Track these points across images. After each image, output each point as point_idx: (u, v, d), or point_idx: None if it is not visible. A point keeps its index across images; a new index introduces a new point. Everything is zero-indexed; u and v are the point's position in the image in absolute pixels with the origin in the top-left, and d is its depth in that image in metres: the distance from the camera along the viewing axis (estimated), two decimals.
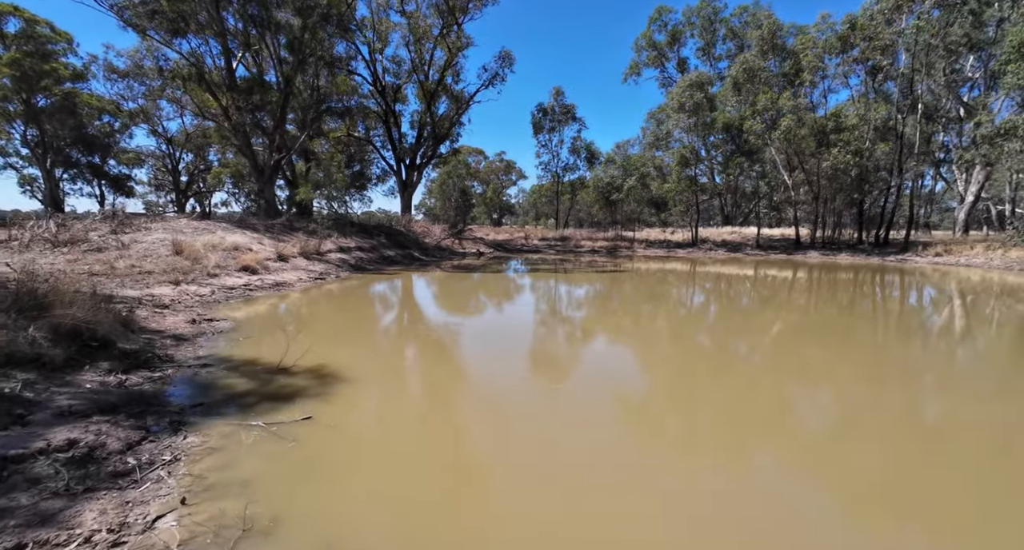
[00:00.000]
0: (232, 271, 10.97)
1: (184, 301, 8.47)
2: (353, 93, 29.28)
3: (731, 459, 3.40)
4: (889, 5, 20.52)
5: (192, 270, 10.44)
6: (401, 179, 29.81)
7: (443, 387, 4.94)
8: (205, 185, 50.56)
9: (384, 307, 10.20)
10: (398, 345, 6.70)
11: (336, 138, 31.50)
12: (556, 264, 20.73)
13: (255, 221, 16.51)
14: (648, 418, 4.23)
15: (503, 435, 3.71)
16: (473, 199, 59.04)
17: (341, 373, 4.87)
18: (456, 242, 25.73)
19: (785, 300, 11.39)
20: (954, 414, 4.32)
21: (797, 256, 24.71)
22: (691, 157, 26.41)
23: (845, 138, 21.96)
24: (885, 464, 3.31)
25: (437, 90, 27.73)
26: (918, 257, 22.00)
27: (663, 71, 43.29)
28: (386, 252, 18.82)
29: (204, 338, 6.15)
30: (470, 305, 10.41)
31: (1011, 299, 11.41)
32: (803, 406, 4.58)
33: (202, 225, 14.21)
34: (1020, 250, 19.17)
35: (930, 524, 2.68)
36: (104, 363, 4.63)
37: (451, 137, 29.02)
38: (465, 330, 7.82)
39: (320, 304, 9.79)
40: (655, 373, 5.68)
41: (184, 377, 4.65)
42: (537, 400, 4.51)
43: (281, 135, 22.75)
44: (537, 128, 35.40)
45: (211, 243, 12.26)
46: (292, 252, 13.51)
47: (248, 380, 4.61)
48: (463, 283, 14.27)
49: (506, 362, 5.78)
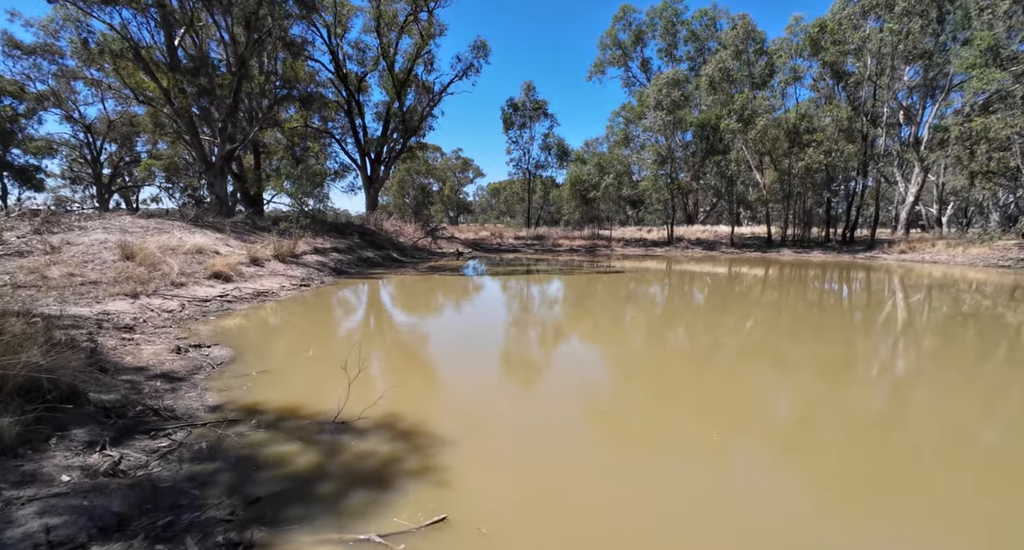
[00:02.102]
0: (202, 279, 9.10)
1: (150, 320, 6.70)
2: (311, 81, 26.85)
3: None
4: (858, 10, 21.26)
5: (150, 278, 8.50)
6: (366, 174, 27.70)
7: (584, 438, 3.76)
8: (132, 179, 45.48)
9: (408, 320, 8.68)
10: (471, 373, 5.32)
11: (291, 129, 28.83)
12: (547, 265, 19.77)
13: (214, 220, 14.28)
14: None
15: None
16: (432, 197, 57.10)
17: (427, 425, 3.59)
18: (432, 242, 24.16)
19: (787, 299, 11.07)
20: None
21: (771, 254, 25.22)
22: (668, 155, 26.34)
23: (818, 138, 22.58)
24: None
25: (408, 79, 25.92)
26: (885, 254, 22.99)
27: (627, 70, 43.52)
28: (364, 253, 17.07)
29: (203, 374, 4.60)
30: (508, 316, 9.20)
31: (979, 294, 11.75)
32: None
33: (152, 224, 11.96)
34: (980, 247, 20.38)
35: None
36: (78, 431, 3.09)
37: (422, 130, 27.27)
38: (530, 346, 6.63)
39: (323, 318, 8.22)
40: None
41: (207, 446, 3.20)
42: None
43: (234, 123, 20.27)
44: (507, 124, 34.28)
45: (168, 245, 10.21)
46: (266, 255, 11.64)
47: (303, 446, 3.24)
48: (471, 288, 12.98)
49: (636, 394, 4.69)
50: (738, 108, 23.59)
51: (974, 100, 20.90)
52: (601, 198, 27.06)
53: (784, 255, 24.77)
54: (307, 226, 15.03)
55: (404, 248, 20.91)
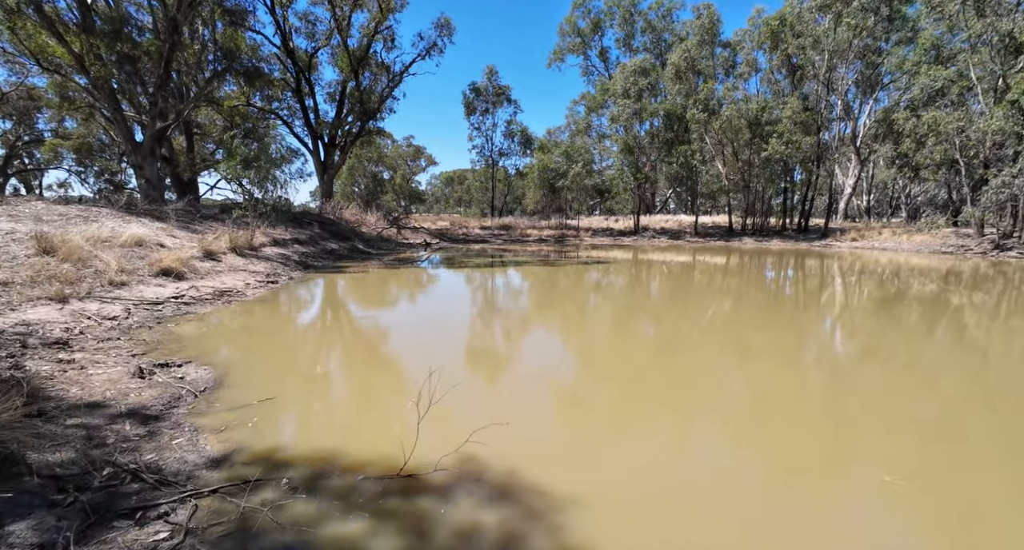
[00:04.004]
0: (147, 277, 7.53)
1: (89, 331, 5.28)
2: (253, 55, 24.20)
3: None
4: (817, 4, 21.91)
5: (81, 277, 6.89)
6: (319, 160, 25.51)
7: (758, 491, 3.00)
8: (33, 161, 40.06)
9: (415, 322, 7.35)
10: (549, 393, 4.23)
11: (231, 108, 25.95)
12: (527, 256, 19.00)
13: (151, 207, 12.24)
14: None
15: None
16: (383, 186, 54.61)
17: (527, 474, 2.72)
18: (398, 232, 22.65)
19: (762, 286, 11.05)
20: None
21: (734, 243, 25.86)
22: (635, 144, 26.21)
23: (780, 130, 23.21)
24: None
25: (366, 57, 23.94)
26: (838, 242, 24.16)
27: (586, 59, 43.19)
28: (327, 245, 15.50)
29: (184, 407, 3.45)
30: (523, 309, 8.30)
31: (924, 278, 12.49)
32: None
33: (73, 211, 9.94)
34: (923, 235, 21.80)
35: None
36: (18, 525, 1.99)
37: (381, 113, 25.40)
38: (616, 357, 5.82)
39: (310, 322, 6.98)
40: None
41: (229, 531, 2.17)
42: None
43: (165, 98, 17.79)
44: (469, 109, 32.87)
45: (98, 237, 8.44)
46: (221, 248, 10.02)
47: (374, 522, 2.29)
48: (456, 280, 11.96)
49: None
50: (703, 98, 23.79)
51: (908, 97, 22.35)
52: (569, 187, 26.57)
53: (746, 244, 25.46)
54: (264, 215, 13.31)
55: (369, 239, 19.38)
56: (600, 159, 34.46)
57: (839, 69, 26.01)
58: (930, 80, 19.47)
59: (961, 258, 18.68)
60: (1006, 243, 19.26)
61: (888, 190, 46.10)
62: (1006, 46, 18.88)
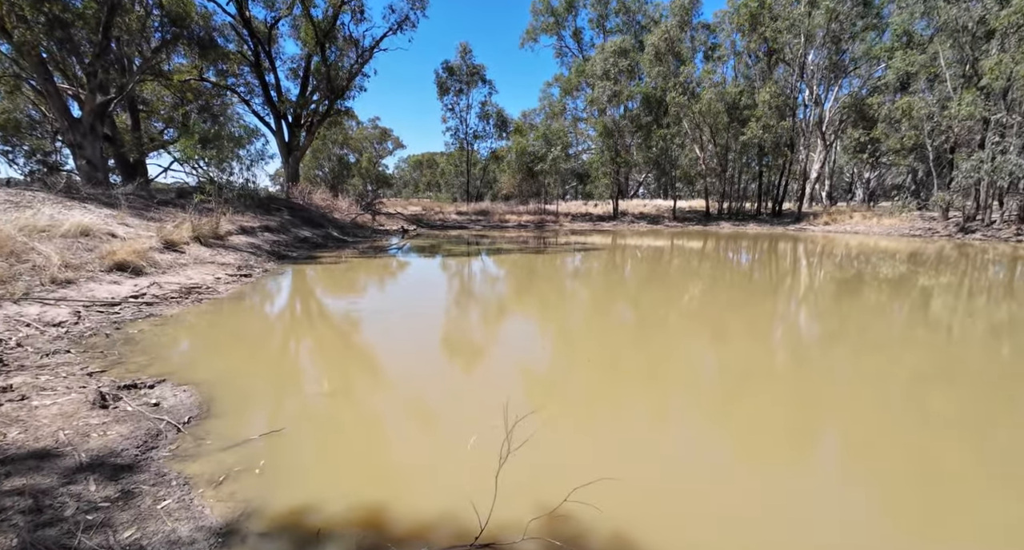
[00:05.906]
0: (99, 272, 6.45)
1: (29, 341, 4.33)
2: (205, 24, 22.06)
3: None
4: None
5: (15, 275, 5.78)
6: (283, 140, 23.77)
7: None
8: None
9: (432, 325, 6.04)
10: (647, 427, 3.33)
11: (182, 82, 23.72)
12: (510, 244, 18.31)
13: (97, 191, 10.78)
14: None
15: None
16: (349, 169, 52.35)
17: (641, 541, 2.14)
18: (372, 219, 21.44)
19: (749, 270, 10.92)
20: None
21: (712, 227, 25.99)
22: (615, 128, 25.73)
23: (757, 114, 23.22)
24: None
25: (332, 30, 22.23)
26: (812, 226, 24.65)
27: (560, 39, 42.14)
28: (300, 232, 14.34)
29: (166, 449, 2.68)
30: (563, 310, 7.63)
31: (894, 260, 12.84)
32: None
33: (1, 196, 8.52)
34: (891, 219, 22.46)
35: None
36: None
37: (350, 91, 23.78)
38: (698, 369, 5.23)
39: (300, 325, 6.11)
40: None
41: None
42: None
43: (104, 68, 15.90)
44: (442, 89, 31.45)
45: (34, 226, 7.20)
46: (183, 237, 8.88)
47: None
48: (456, 271, 11.18)
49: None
50: (683, 81, 23.49)
51: (874, 83, 22.80)
52: (548, 171, 25.90)
53: (723, 228, 25.63)
54: (229, 200, 12.05)
55: (343, 226, 18.20)
56: (576, 142, 33.87)
57: (810, 54, 26.27)
58: (905, 65, 19.78)
59: (928, 240, 19.32)
60: (970, 225, 20.03)
61: (843, 175, 47.80)
62: (973, 35, 19.34)
